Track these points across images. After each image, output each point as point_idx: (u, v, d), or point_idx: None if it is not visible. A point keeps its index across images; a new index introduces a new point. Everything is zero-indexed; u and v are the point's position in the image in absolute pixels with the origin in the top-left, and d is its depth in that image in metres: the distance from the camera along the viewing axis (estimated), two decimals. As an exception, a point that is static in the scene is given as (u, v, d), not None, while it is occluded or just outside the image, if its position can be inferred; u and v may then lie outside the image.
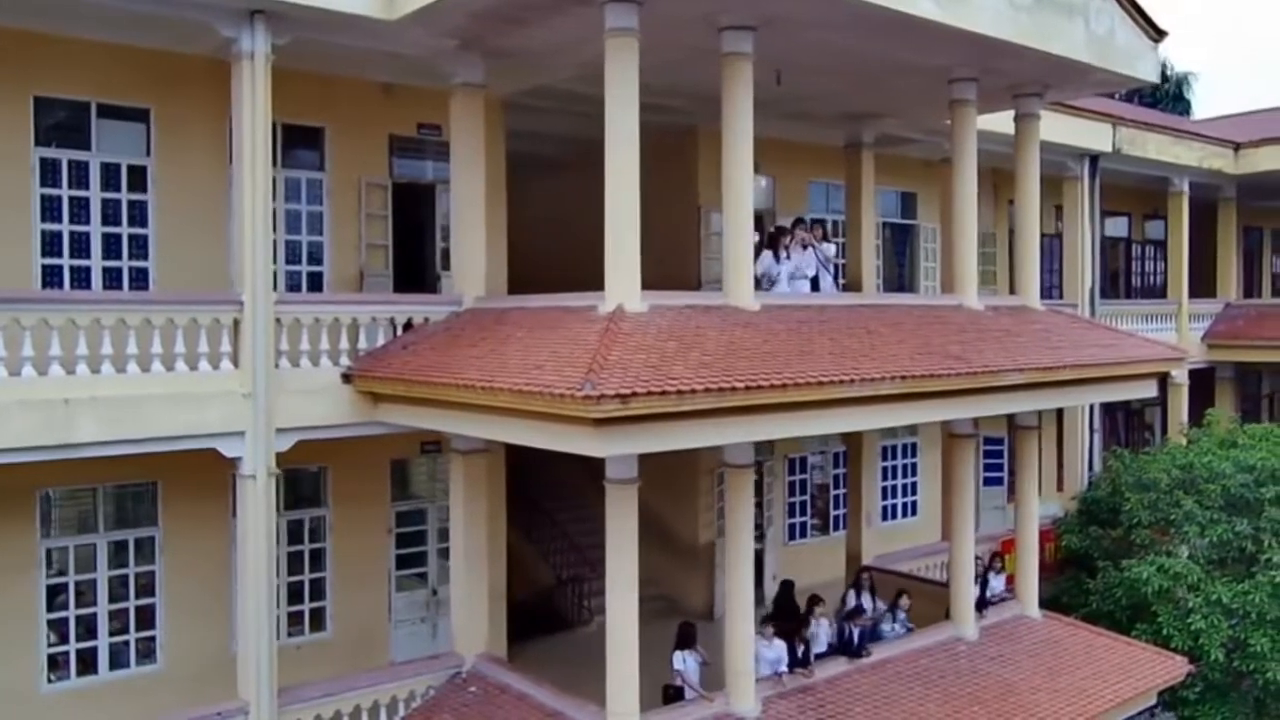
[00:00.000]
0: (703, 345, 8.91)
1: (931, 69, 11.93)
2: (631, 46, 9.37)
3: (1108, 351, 12.12)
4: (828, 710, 10.63)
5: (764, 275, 11.44)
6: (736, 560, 10.30)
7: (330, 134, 12.28)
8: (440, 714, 10.84)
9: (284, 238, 12.03)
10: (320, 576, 12.36)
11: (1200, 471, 15.06)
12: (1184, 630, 13.65)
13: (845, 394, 9.17)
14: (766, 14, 9.94)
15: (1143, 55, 12.67)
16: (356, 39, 10.49)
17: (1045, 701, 11.56)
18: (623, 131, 9.37)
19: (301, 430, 10.33)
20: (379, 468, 12.73)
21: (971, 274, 12.56)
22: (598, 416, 7.77)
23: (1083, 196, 18.61)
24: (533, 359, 8.74)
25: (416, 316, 11.16)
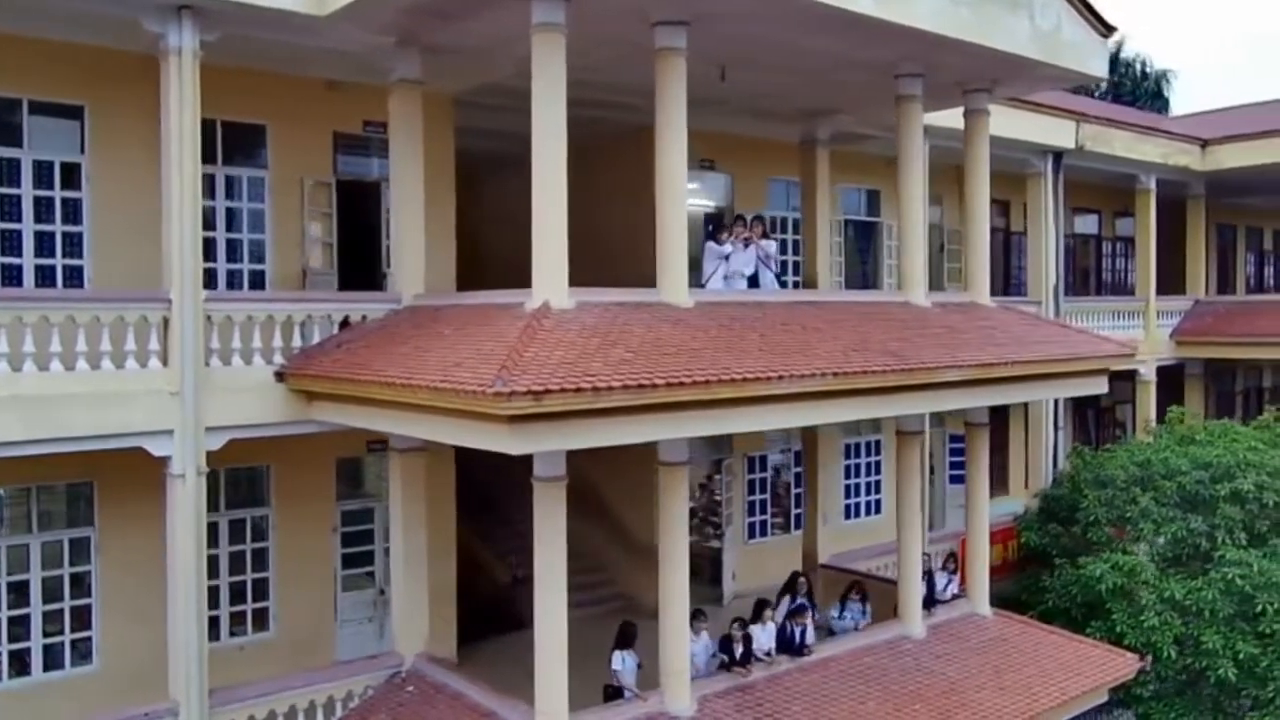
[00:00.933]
0: (627, 342, 8.84)
1: (876, 64, 11.86)
2: (558, 42, 9.31)
3: (1053, 348, 12.06)
4: (765, 709, 10.56)
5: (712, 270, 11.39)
6: (670, 559, 10.23)
7: (272, 131, 12.21)
8: (377, 714, 10.77)
9: (225, 235, 11.99)
10: (263, 576, 12.29)
11: (1157, 468, 15.01)
12: (1137, 628, 13.60)
13: (772, 390, 9.10)
14: (698, 9, 9.88)
15: (1091, 50, 12.61)
16: (289, 35, 10.41)
17: (989, 699, 11.50)
18: (549, 128, 9.30)
19: (233, 429, 10.25)
20: (324, 466, 12.65)
21: (919, 271, 12.49)
22: (511, 413, 7.71)
23: (1046, 193, 18.56)
24: (454, 356, 8.67)
25: (354, 314, 11.08)
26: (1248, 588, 13.24)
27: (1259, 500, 14.11)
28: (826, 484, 17.68)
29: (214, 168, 11.78)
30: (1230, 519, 14.15)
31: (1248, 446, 15.00)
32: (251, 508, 12.22)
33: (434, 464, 12.22)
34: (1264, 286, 27.52)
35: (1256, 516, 14.24)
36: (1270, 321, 20.56)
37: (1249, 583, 13.24)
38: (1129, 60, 38.43)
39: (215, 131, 11.73)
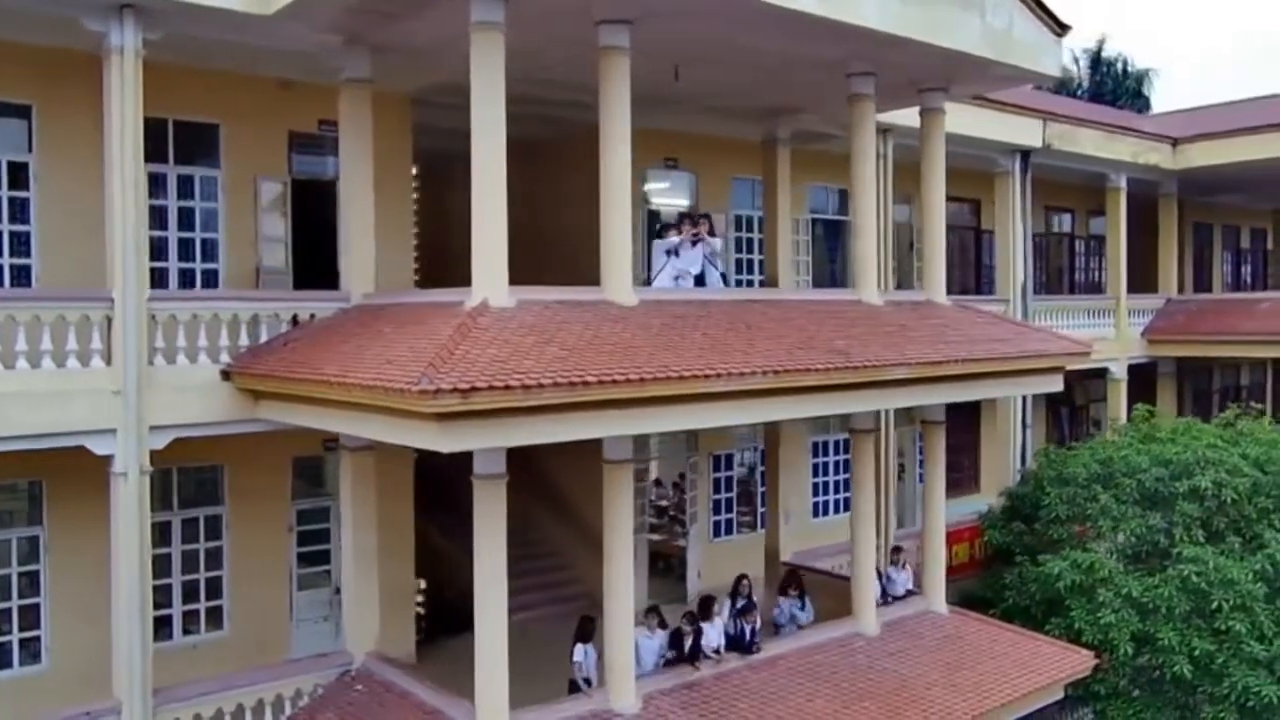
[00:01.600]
0: (563, 340, 8.86)
1: (828, 63, 11.88)
2: (497, 41, 9.32)
3: (1005, 346, 12.08)
4: (711, 706, 10.58)
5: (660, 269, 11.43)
6: (615, 556, 10.25)
7: (225, 131, 12.21)
8: (325, 712, 10.78)
9: (177, 235, 11.99)
10: (217, 575, 12.29)
11: (1118, 466, 15.04)
12: (1095, 625, 13.62)
13: (711, 388, 9.12)
14: (641, 7, 9.89)
15: (1044, 49, 12.64)
16: (234, 34, 10.42)
17: (940, 696, 11.52)
18: (488, 127, 9.32)
19: (178, 428, 10.25)
20: (279, 465, 12.64)
21: (870, 269, 12.52)
22: (438, 411, 7.73)
23: (1014, 192, 18.58)
24: (389, 354, 8.68)
25: (303, 313, 11.09)
26: (1204, 585, 13.26)
27: (1217, 498, 14.13)
28: (793, 482, 17.73)
29: (166, 167, 11.80)
30: (1188, 516, 14.17)
31: (1207, 444, 15.03)
32: (205, 506, 12.21)
33: (390, 463, 12.24)
34: (1241, 285, 27.56)
35: (1214, 514, 14.26)
36: (1239, 319, 20.61)
37: (1205, 580, 13.26)
38: (1110, 59, 38.50)
39: (167, 131, 11.78)
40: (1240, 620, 13.02)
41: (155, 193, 11.71)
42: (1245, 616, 13.07)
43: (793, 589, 12.75)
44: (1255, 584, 13.27)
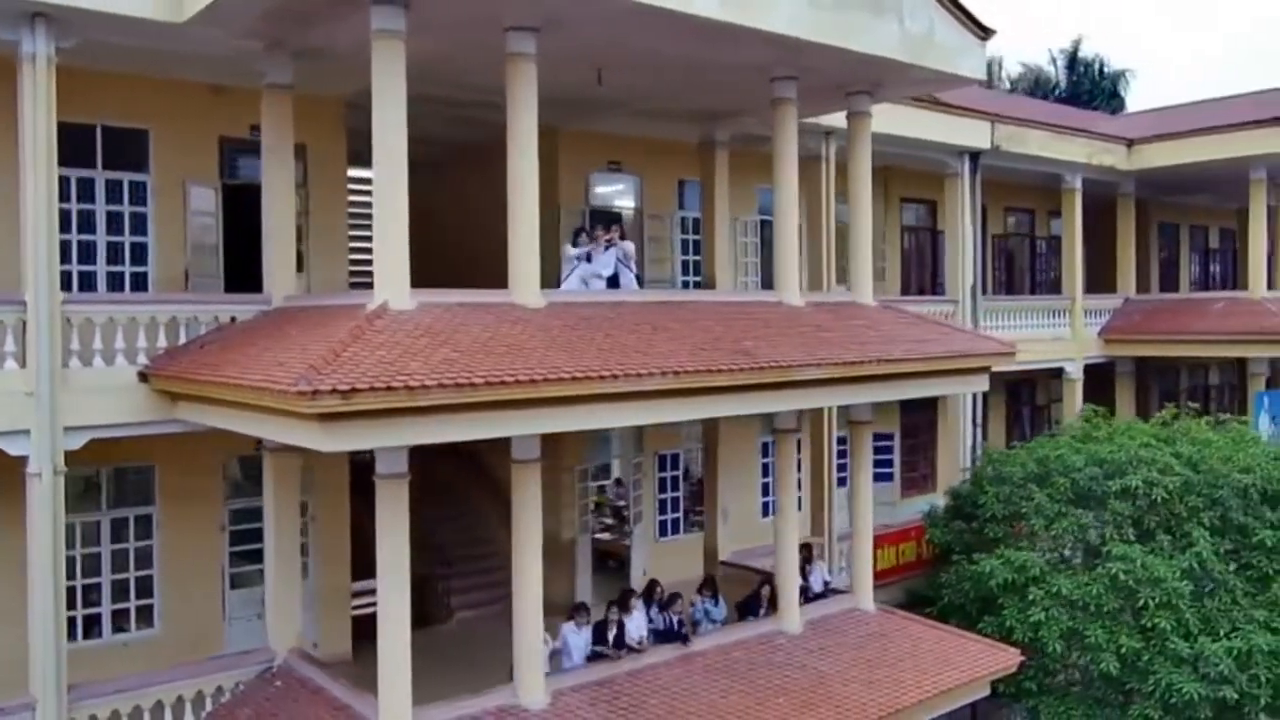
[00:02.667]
0: (457, 341, 9.00)
1: (747, 67, 12.00)
2: (398, 48, 9.47)
3: (925, 347, 12.20)
4: (621, 702, 10.71)
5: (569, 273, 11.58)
6: (523, 555, 10.38)
7: (155, 136, 12.37)
8: (243, 708, 10.94)
9: (105, 239, 12.14)
10: (148, 574, 12.45)
11: (1055, 465, 15.14)
12: (1025, 623, 13.72)
13: (605, 389, 9.25)
14: (546, 14, 10.02)
15: (966, 53, 12.75)
16: (151, 41, 10.57)
17: (856, 693, 11.63)
18: (389, 133, 9.46)
19: (95, 429, 10.41)
20: (212, 466, 12.77)
21: (791, 270, 12.66)
22: (319, 411, 7.87)
23: (963, 193, 18.66)
24: (285, 356, 8.84)
25: (224, 315, 11.26)
26: (1131, 583, 13.36)
27: (1148, 497, 14.23)
28: (744, 481, 17.89)
29: (94, 171, 11.97)
30: (1120, 515, 14.26)
31: (1141, 444, 15.11)
32: (136, 506, 12.37)
33: (325, 465, 12.43)
34: (1210, 284, 27.59)
35: (1146, 512, 14.35)
36: (1193, 319, 20.69)
37: (1133, 578, 13.36)
38: (1087, 60, 38.58)
39: (95, 136, 11.96)
40: (1166, 618, 13.12)
41: (84, 197, 11.95)
42: (1171, 614, 13.16)
43: (706, 588, 12.87)
44: (1182, 582, 13.37)
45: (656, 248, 16.75)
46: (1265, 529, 14.22)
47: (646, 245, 16.75)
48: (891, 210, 19.91)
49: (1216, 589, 13.69)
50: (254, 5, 9.84)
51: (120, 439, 10.91)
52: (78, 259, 11.87)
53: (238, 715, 10.87)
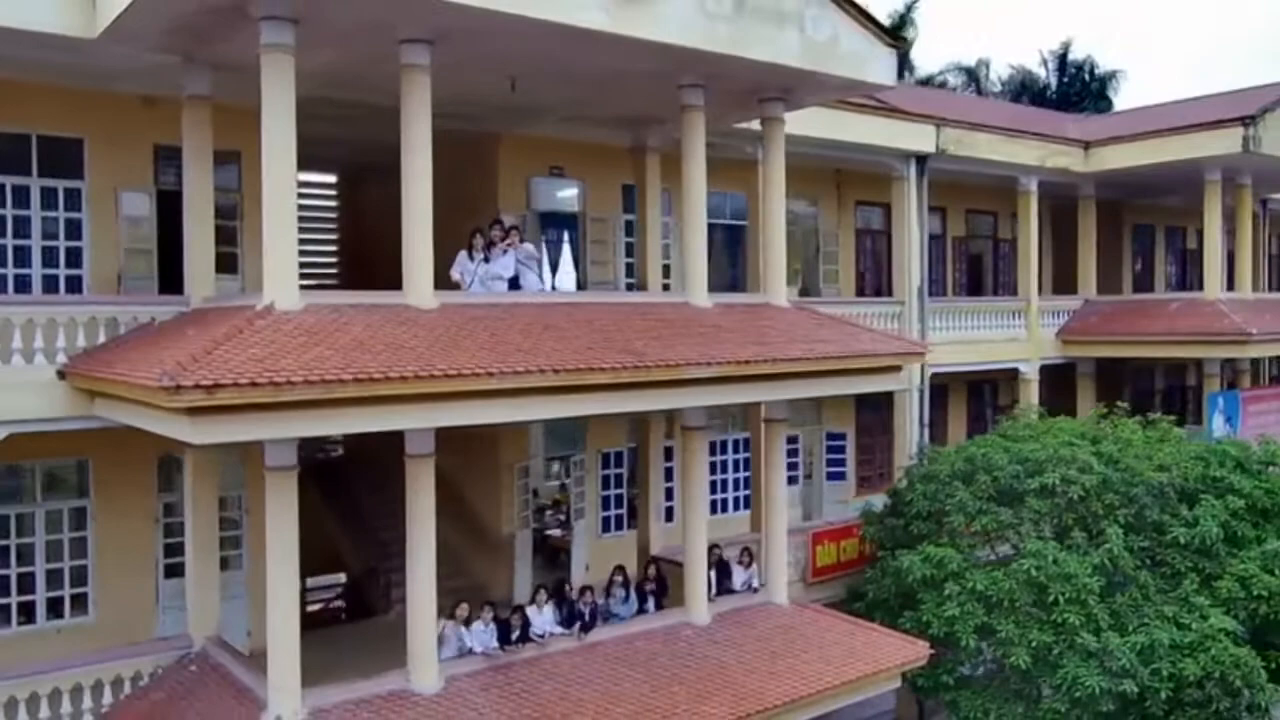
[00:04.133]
0: (335, 340, 9.43)
1: (653, 75, 12.34)
2: (286, 63, 9.92)
3: (828, 347, 12.49)
4: (514, 688, 11.11)
5: (463, 275, 11.97)
6: (415, 547, 10.79)
7: (89, 144, 12.93)
8: (157, 691, 11.45)
9: (40, 243, 12.72)
10: (82, 563, 13.00)
11: (980, 463, 15.36)
12: (940, 618, 13.96)
13: (480, 386, 9.65)
14: (436, 27, 10.44)
15: (874, 60, 13.02)
16: (70, 55, 11.11)
17: (754, 682, 11.95)
18: (277, 139, 9.91)
19: (14, 424, 10.94)
20: (146, 460, 13.28)
21: (699, 272, 12.98)
22: (184, 406, 8.33)
23: (909, 197, 18.90)
24: (171, 354, 9.30)
25: (143, 316, 11.76)
26: (1043, 578, 13.57)
27: (1065, 494, 14.42)
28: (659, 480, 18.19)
29: (29, 179, 12.56)
30: (1037, 512, 14.48)
31: (1063, 442, 15.30)
32: (70, 498, 12.94)
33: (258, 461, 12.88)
34: (1187, 285, 27.54)
35: (1063, 510, 14.55)
36: (1149, 320, 20.79)
37: (1044, 574, 13.57)
38: (1078, 62, 38.53)
39: (30, 144, 12.55)
40: (1075, 613, 13.31)
41: (19, 203, 12.54)
42: (1080, 610, 13.36)
43: (617, 577, 13.24)
44: (1093, 578, 13.56)
45: (599, 250, 17.13)
46: (1180, 526, 14.37)
47: (590, 248, 17.18)
48: (845, 213, 20.15)
49: (1128, 585, 13.87)
50: (154, 22, 10.28)
51: (50, 433, 11.47)
52: (14, 262, 12.51)
53: (151, 697, 11.38)
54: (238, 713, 10.33)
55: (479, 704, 10.77)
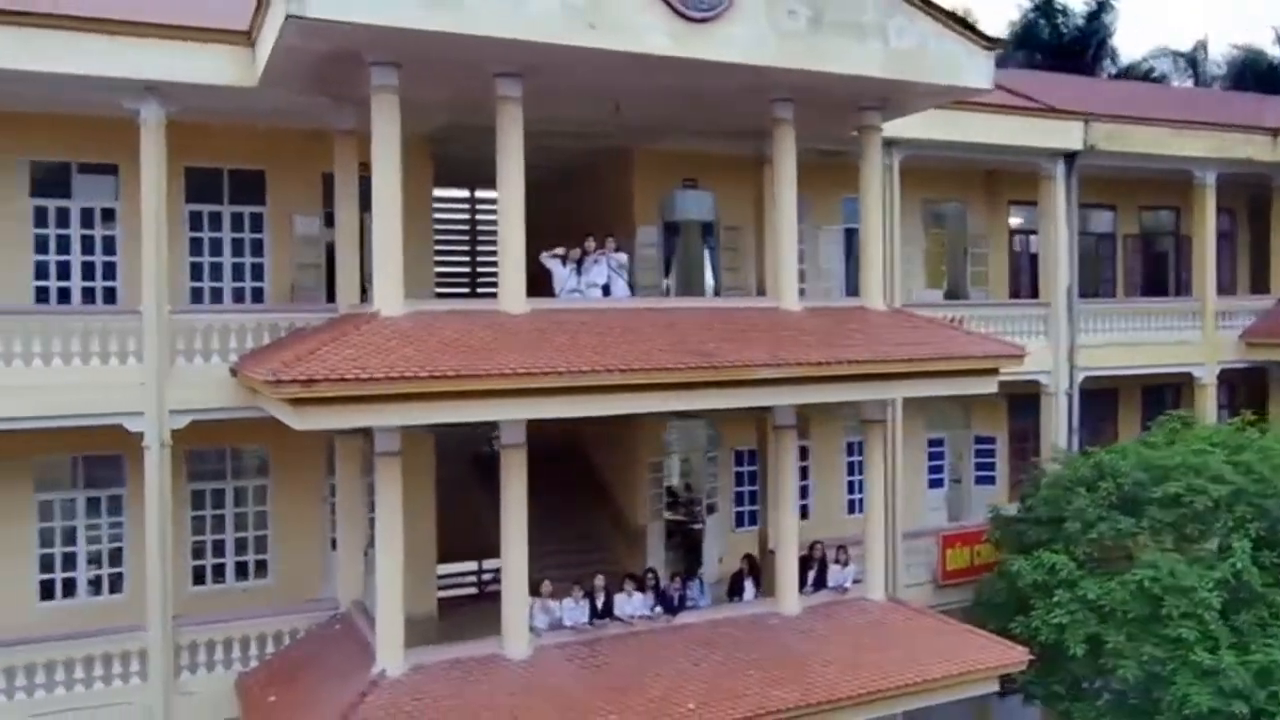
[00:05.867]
0: (423, 342, 10.84)
1: (739, 92, 13.03)
2: (392, 100, 11.46)
3: (913, 349, 12.72)
4: (597, 660, 12.16)
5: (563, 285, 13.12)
6: (509, 526, 12.03)
7: (269, 175, 15.14)
8: (309, 644, 13.39)
9: (230, 260, 15.05)
10: (263, 534, 15.22)
11: (1106, 469, 14.93)
12: (1048, 625, 13.79)
13: (543, 384, 10.76)
14: (522, 62, 11.67)
15: (969, 65, 13.14)
16: (237, 102, 13.19)
17: (830, 673, 12.40)
18: (386, 166, 11.46)
19: (194, 412, 13.12)
20: (314, 447, 15.28)
21: (789, 277, 13.54)
22: (287, 397, 9.98)
23: (1057, 196, 18.37)
24: (289, 353, 11.01)
25: (299, 322, 13.72)
26: (1157, 590, 13.13)
27: (1191, 504, 13.79)
28: (826, 477, 18.63)
29: (221, 206, 14.89)
30: (1159, 521, 13.94)
31: (1193, 450, 14.56)
32: (254, 478, 15.20)
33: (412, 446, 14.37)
34: None
35: (1189, 520, 13.92)
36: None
37: (1159, 585, 13.12)
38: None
39: (222, 177, 14.88)
40: (1190, 628, 12.82)
41: (214, 226, 14.91)
42: (1196, 625, 12.84)
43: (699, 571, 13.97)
44: (1213, 593, 12.98)
45: (732, 258, 17.91)
46: (1320, 544, 13.45)
47: (723, 256, 18.00)
48: (997, 213, 19.83)
49: (1254, 602, 13.14)
50: (292, 69, 12.03)
51: (231, 422, 13.62)
52: (209, 277, 14.89)
53: (303, 648, 13.34)
54: (359, 665, 11.95)
55: (561, 671, 11.90)
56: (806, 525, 17.93)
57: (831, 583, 14.08)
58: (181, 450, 13.66)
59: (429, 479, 15.92)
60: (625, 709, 11.44)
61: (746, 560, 14.45)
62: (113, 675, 12.85)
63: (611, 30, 11.25)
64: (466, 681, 11.55)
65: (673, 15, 11.45)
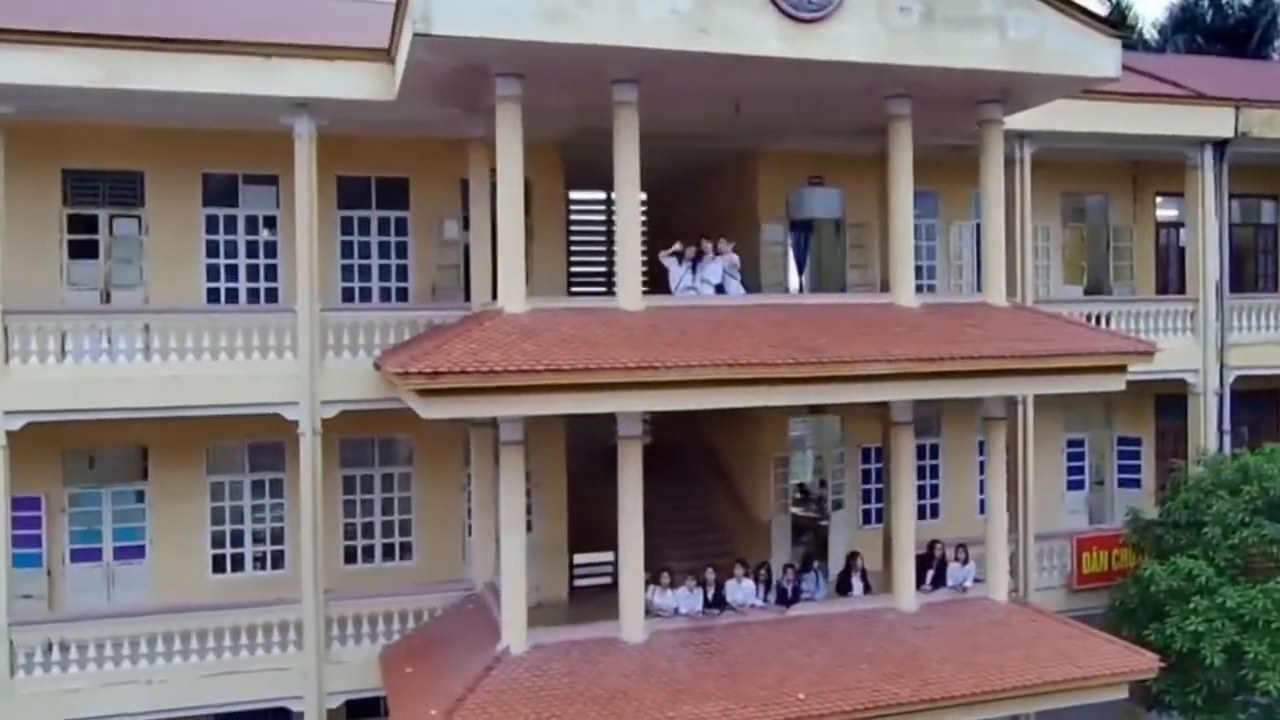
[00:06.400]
0: (541, 337, 11.47)
1: (853, 90, 13.13)
2: (515, 110, 12.16)
3: (1031, 346, 12.53)
4: (710, 647, 12.52)
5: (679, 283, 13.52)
6: (626, 517, 12.50)
7: (413, 182, 16.20)
8: (443, 621, 14.30)
9: (377, 262, 16.18)
10: (407, 518, 16.28)
11: (1252, 472, 14.24)
12: (1184, 632, 13.32)
13: (657, 378, 11.22)
14: (636, 68, 12.14)
15: (1094, 53, 12.83)
16: (380, 115, 14.19)
17: (947, 671, 12.37)
18: (509, 172, 12.17)
19: (342, 403, 14.18)
20: (454, 438, 16.25)
21: (905, 273, 13.53)
22: (417, 388, 10.79)
23: (1205, 186, 17.52)
24: (419, 348, 11.84)
25: (436, 320, 14.63)
26: (1303, 600, 12.51)
27: (1348, 510, 13.04)
28: (960, 476, 18.40)
29: (369, 211, 16.04)
30: (1310, 528, 13.24)
31: (1351, 452, 13.71)
32: (399, 466, 16.27)
33: (542, 440, 15.48)
34: None
35: (1347, 528, 13.15)
36: None
37: (1305, 595, 12.50)
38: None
39: (370, 184, 16.01)
40: (1339, 641, 12.18)
41: (362, 230, 16.06)
42: (1346, 638, 12.18)
43: (815, 564, 14.08)
44: (1367, 604, 12.28)
45: (859, 255, 17.93)
46: None
47: (849, 253, 18.05)
48: (1143, 206, 19.09)
49: None
50: (425, 82, 12.84)
51: (377, 412, 14.65)
52: (359, 278, 16.04)
53: (439, 625, 14.26)
54: (487, 642, 12.69)
55: (674, 655, 12.33)
56: (937, 524, 17.92)
57: (951, 581, 13.97)
58: (334, 438, 14.85)
59: (560, 471, 16.69)
60: (735, 695, 11.76)
61: (853, 557, 14.47)
62: (272, 643, 14.06)
63: (722, 34, 11.60)
64: (584, 661, 12.13)
65: (782, 17, 11.70)
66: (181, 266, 15.09)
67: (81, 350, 13.34)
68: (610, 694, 11.60)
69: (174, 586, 14.82)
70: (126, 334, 13.54)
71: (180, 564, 15.02)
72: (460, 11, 10.99)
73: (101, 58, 12.74)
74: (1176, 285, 19.23)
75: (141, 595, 14.85)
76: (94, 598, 14.71)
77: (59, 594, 14.65)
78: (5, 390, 12.93)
